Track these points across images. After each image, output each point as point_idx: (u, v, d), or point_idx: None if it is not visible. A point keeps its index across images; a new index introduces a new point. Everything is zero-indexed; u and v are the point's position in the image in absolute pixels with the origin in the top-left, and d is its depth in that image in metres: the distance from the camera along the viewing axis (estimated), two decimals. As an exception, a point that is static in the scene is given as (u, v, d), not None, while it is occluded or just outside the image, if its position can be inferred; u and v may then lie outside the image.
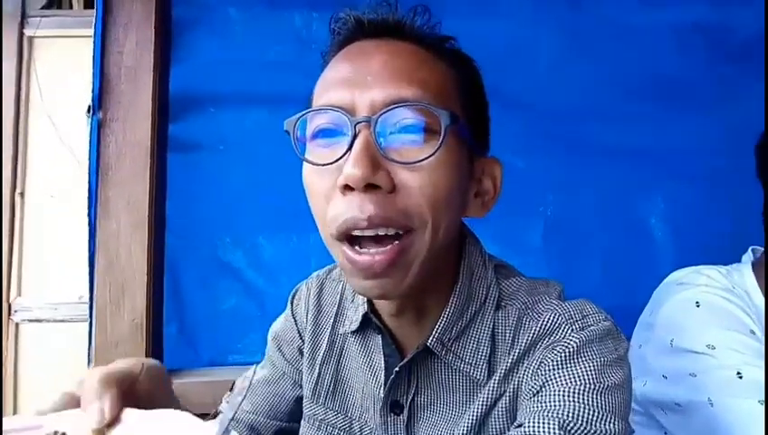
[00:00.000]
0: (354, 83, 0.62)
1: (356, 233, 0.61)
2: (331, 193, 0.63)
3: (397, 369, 0.71)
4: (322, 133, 0.64)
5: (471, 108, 0.70)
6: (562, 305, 0.70)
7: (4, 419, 0.51)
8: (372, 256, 0.61)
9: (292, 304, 0.91)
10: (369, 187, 0.59)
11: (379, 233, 0.60)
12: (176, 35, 1.48)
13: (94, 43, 1.37)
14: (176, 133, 1.48)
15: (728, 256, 1.05)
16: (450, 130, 0.61)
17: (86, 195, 1.40)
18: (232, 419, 0.53)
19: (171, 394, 0.61)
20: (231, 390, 0.88)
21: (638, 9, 1.57)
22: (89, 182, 1.38)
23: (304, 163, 0.66)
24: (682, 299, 0.96)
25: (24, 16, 1.63)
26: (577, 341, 0.65)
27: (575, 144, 1.54)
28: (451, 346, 0.70)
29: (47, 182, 1.74)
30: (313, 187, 0.65)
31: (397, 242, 0.61)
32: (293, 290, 0.92)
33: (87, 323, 1.40)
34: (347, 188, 0.60)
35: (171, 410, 0.54)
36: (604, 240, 1.54)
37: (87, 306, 1.41)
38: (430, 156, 0.61)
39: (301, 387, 0.86)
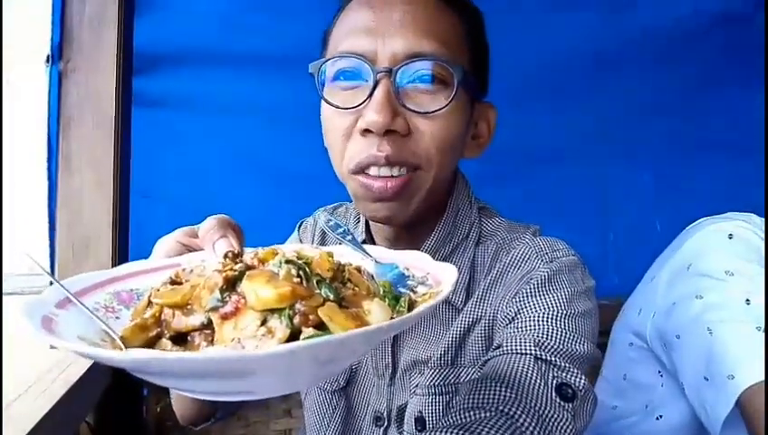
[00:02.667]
0: (376, 33, 0.69)
1: (372, 171, 0.70)
2: (349, 132, 0.71)
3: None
4: (344, 75, 0.71)
5: (476, 56, 0.77)
6: (534, 240, 0.78)
7: (132, 264, 0.54)
8: (386, 181, 0.70)
9: (298, 230, 1.00)
10: (388, 131, 0.68)
11: (393, 174, 0.70)
12: None
13: None
14: (140, 88, 1.46)
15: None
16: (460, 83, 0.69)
17: (42, 153, 1.37)
18: (350, 236, 0.67)
19: None
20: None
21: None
22: (48, 136, 1.37)
23: (323, 102, 0.73)
24: (715, 229, 0.99)
25: None
26: (548, 272, 0.72)
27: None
28: None
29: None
30: (332, 125, 0.73)
31: (406, 175, 0.71)
32: (299, 222, 1.01)
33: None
34: (367, 131, 0.69)
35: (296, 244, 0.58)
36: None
37: (40, 278, 1.37)
38: (443, 107, 0.69)
39: None
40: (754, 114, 1.51)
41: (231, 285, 0.43)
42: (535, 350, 0.64)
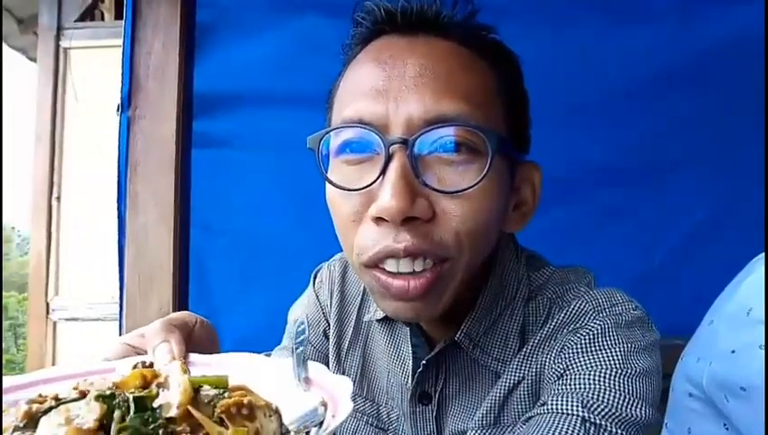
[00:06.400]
0: (387, 95, 0.58)
1: (389, 265, 0.59)
2: (360, 218, 0.60)
3: (424, 362, 0.72)
4: (350, 147, 0.60)
5: (513, 111, 0.67)
6: (590, 293, 0.70)
7: (69, 363, 0.54)
8: (407, 279, 0.59)
9: (314, 285, 0.91)
10: (407, 218, 0.57)
11: (416, 269, 0.59)
12: (200, 37, 1.61)
13: (123, 43, 1.50)
14: (200, 130, 1.59)
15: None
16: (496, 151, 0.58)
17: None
18: (302, 348, 0.58)
19: (220, 351, 0.64)
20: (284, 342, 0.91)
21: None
22: (118, 178, 1.50)
23: (327, 184, 0.63)
24: None
25: (59, 29, 1.79)
26: (601, 325, 0.65)
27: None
28: (479, 341, 0.70)
29: (83, 185, 1.91)
30: (340, 210, 0.62)
31: (432, 269, 0.60)
32: (315, 271, 0.92)
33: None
34: (381, 219, 0.57)
35: (236, 353, 0.56)
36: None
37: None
38: (475, 184, 0.58)
39: None
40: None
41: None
42: (583, 411, 0.58)
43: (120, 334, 1.48)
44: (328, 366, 0.86)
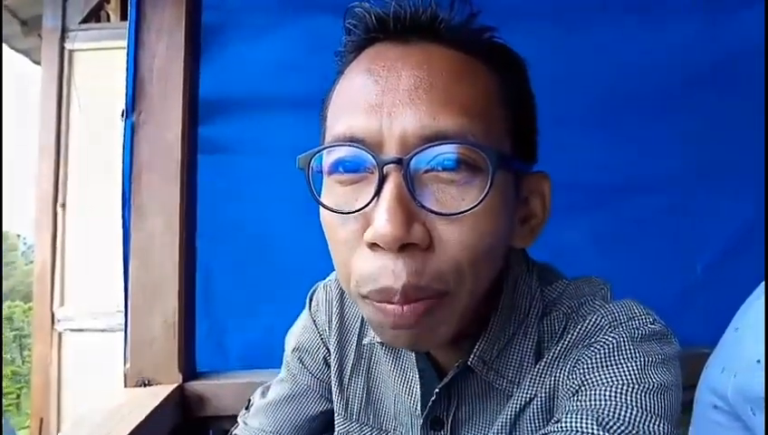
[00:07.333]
0: (380, 109, 0.55)
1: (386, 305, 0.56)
2: (355, 243, 0.57)
3: (437, 390, 0.70)
4: (343, 166, 0.57)
5: (518, 119, 0.62)
6: (606, 307, 0.67)
7: None
8: (401, 305, 0.55)
9: (310, 308, 0.88)
10: (404, 245, 0.53)
11: (410, 312, 0.55)
12: (205, 39, 1.58)
13: (128, 47, 1.47)
14: (206, 135, 1.56)
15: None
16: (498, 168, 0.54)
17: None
18: None
19: None
20: (247, 408, 0.90)
21: None
22: (122, 186, 1.47)
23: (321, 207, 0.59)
24: None
25: (64, 30, 1.77)
26: (616, 338, 0.63)
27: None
28: (493, 364, 0.68)
29: (88, 193, 1.88)
30: (334, 234, 0.59)
31: (430, 300, 0.56)
32: (310, 293, 0.89)
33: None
34: (376, 245, 0.54)
35: None
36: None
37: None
38: (475, 206, 0.54)
39: (328, 401, 0.85)
40: None
41: None
42: (598, 429, 0.56)
43: (126, 345, 1.45)
44: (330, 395, 0.83)
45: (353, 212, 0.55)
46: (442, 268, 0.54)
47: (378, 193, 0.53)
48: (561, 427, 0.58)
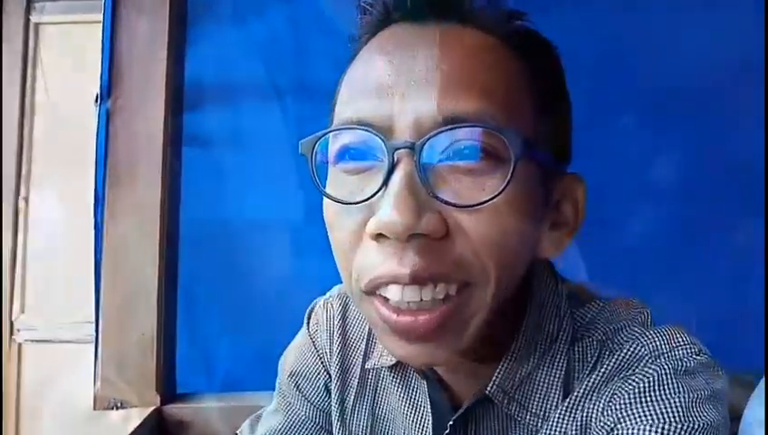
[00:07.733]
0: (392, 91, 0.52)
1: (392, 292, 0.51)
2: (359, 237, 0.53)
3: (451, 423, 0.65)
4: (349, 154, 0.54)
5: (548, 112, 0.59)
6: (647, 334, 0.62)
7: None
8: (415, 314, 0.51)
9: (308, 327, 0.83)
10: (413, 234, 0.49)
11: (423, 298, 0.50)
12: (192, 17, 1.47)
13: (104, 24, 1.35)
14: (191, 126, 1.45)
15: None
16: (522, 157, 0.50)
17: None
18: None
19: None
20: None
21: None
22: (95, 180, 1.34)
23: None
24: None
25: (29, 1, 1.63)
26: (657, 371, 0.58)
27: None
28: (514, 395, 0.63)
29: (55, 186, 1.72)
30: (337, 225, 0.55)
31: (447, 300, 0.52)
32: (308, 310, 0.84)
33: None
34: (382, 235, 0.50)
35: None
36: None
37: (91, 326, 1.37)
38: (495, 196, 0.50)
39: (328, 433, 0.81)
40: None
41: None
42: None
43: (96, 362, 1.34)
44: (331, 427, 0.79)
45: (358, 202, 0.52)
46: (463, 255, 0.51)
47: (386, 181, 0.50)
48: None
